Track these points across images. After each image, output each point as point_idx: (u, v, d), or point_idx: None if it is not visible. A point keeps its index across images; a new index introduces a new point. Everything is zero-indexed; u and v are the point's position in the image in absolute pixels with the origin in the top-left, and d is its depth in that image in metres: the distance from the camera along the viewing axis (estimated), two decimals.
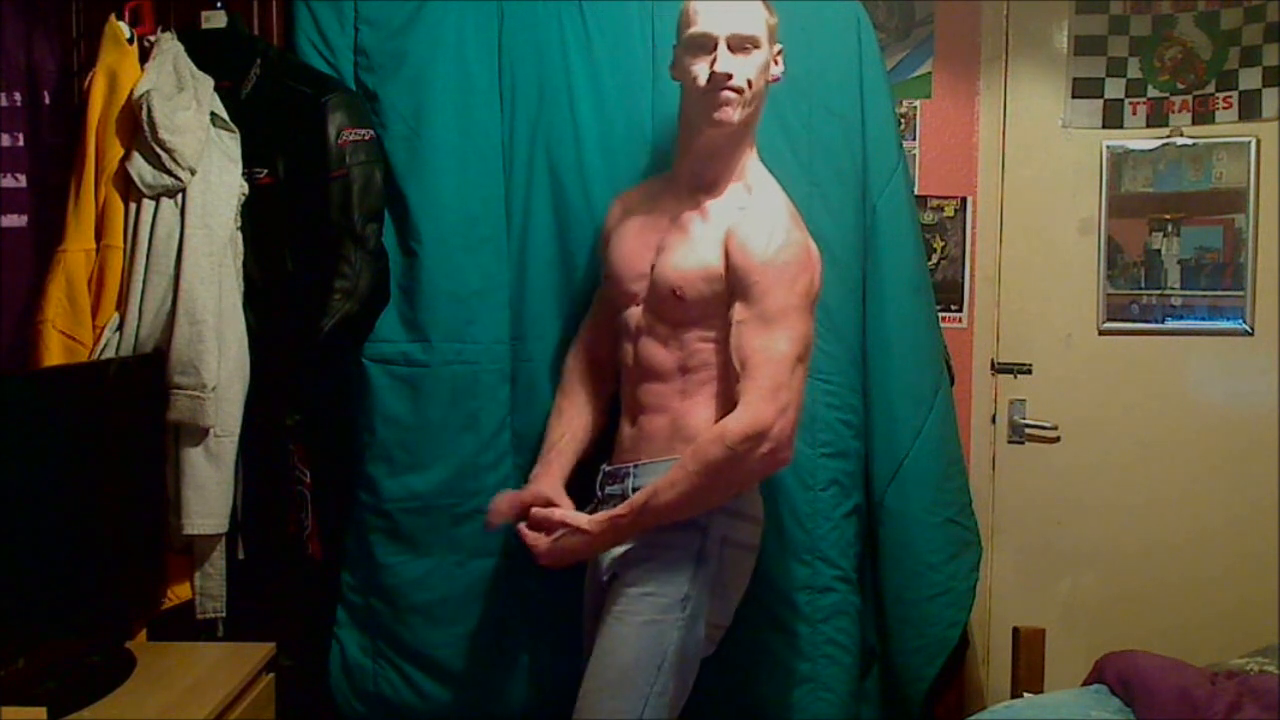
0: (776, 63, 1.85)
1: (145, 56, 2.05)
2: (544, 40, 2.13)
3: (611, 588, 1.77)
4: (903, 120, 2.67)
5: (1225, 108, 2.66)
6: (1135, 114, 2.72)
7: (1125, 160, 2.72)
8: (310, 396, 2.11)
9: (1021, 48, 2.74)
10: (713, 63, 1.75)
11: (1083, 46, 2.74)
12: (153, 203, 1.98)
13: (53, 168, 2.09)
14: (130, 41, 2.05)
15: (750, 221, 1.76)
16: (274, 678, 1.97)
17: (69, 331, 1.97)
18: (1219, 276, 2.69)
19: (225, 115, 2.06)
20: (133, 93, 1.98)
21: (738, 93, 1.76)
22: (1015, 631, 2.29)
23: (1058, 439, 2.76)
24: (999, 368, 2.78)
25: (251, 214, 2.08)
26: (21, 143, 2.07)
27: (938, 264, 2.72)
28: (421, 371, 2.12)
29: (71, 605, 1.80)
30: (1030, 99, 2.74)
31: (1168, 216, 2.70)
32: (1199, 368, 2.70)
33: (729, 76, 1.74)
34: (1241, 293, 2.67)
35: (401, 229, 2.14)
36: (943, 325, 2.40)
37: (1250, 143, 2.64)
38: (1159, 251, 2.71)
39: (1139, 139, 2.71)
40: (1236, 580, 2.63)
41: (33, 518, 1.70)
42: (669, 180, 1.93)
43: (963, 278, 2.75)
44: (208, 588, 2.05)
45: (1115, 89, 2.73)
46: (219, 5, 2.12)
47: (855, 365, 2.16)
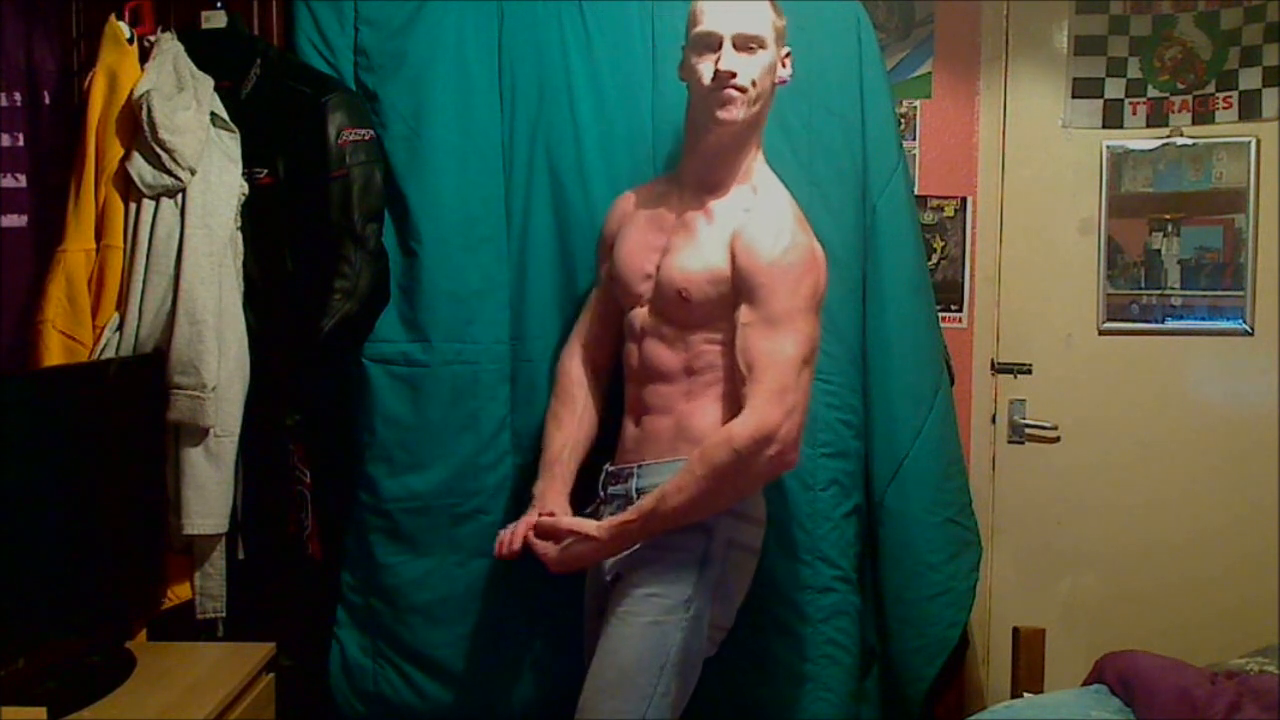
0: (784, 65, 1.84)
1: (145, 56, 2.05)
2: (544, 40, 2.13)
3: (616, 588, 1.77)
4: (903, 120, 2.67)
5: (1225, 108, 2.66)
6: (1135, 114, 2.72)
7: (1125, 160, 2.72)
8: (310, 396, 2.11)
9: (1021, 48, 2.74)
10: (717, 61, 1.75)
11: (1083, 46, 2.73)
12: (153, 203, 1.98)
13: (53, 168, 2.08)
14: (130, 41, 2.05)
15: (756, 223, 1.76)
16: (274, 678, 1.97)
17: (69, 331, 1.97)
18: (1219, 276, 2.69)
19: (225, 115, 2.06)
20: (133, 93, 1.98)
21: (741, 92, 1.75)
22: (1015, 631, 2.29)
23: (1058, 439, 2.76)
24: (999, 368, 2.78)
25: (251, 214, 2.08)
26: (21, 143, 2.07)
27: (938, 264, 2.72)
28: (421, 371, 2.12)
29: (71, 605, 1.80)
30: (1030, 99, 2.74)
31: (1168, 216, 2.70)
32: (1199, 368, 2.70)
33: (733, 75, 1.74)
34: (1241, 293, 2.67)
35: (401, 229, 2.14)
36: (943, 325, 2.40)
37: (1250, 143, 2.64)
38: (1159, 251, 2.71)
39: (1139, 139, 2.71)
40: (1236, 580, 2.63)
41: (33, 518, 1.70)
42: (674, 181, 1.93)
43: (963, 278, 2.75)
44: (208, 588, 2.05)
45: (1115, 89, 2.72)
46: (219, 5, 2.11)
47: (855, 365, 2.16)
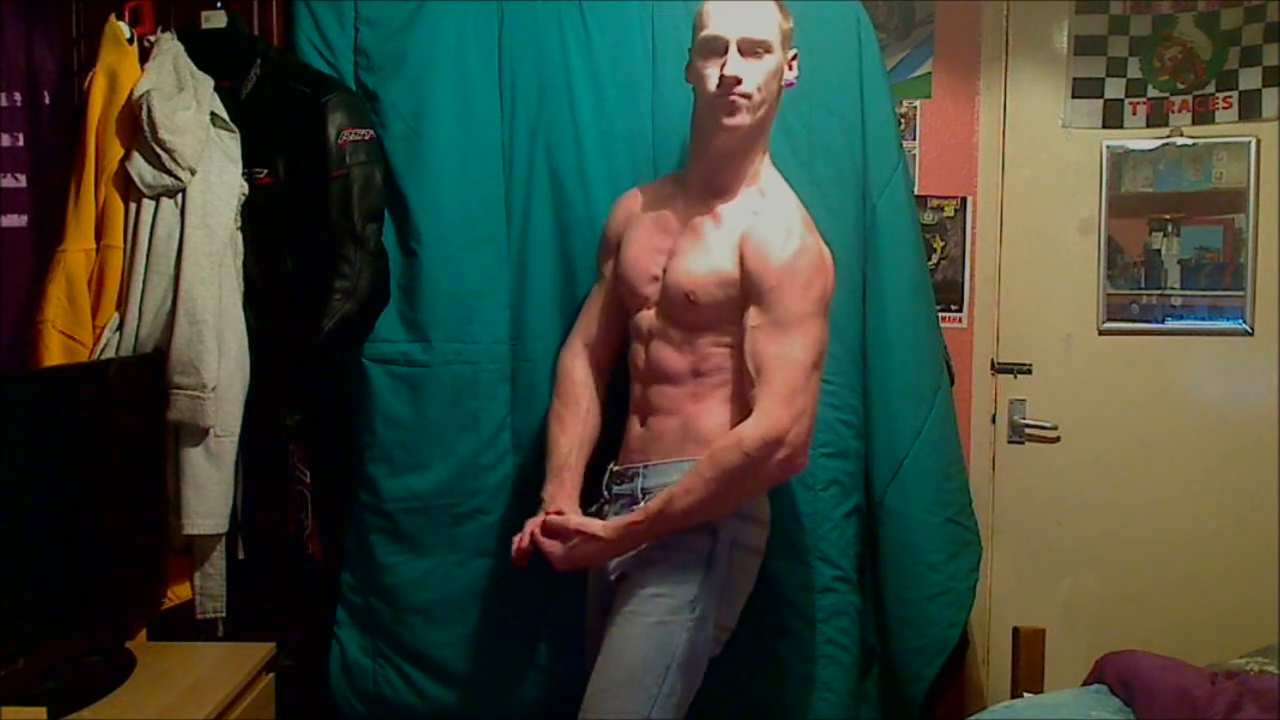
0: (790, 68, 1.83)
1: (145, 56, 2.05)
2: (544, 40, 2.14)
3: (621, 587, 1.77)
4: (903, 120, 2.67)
5: (1225, 108, 2.66)
6: (1135, 114, 2.72)
7: (1125, 160, 2.72)
8: (310, 396, 2.11)
9: (1021, 48, 2.74)
10: (723, 66, 1.74)
11: (1083, 46, 2.73)
12: (153, 203, 1.98)
13: (53, 168, 2.08)
14: (130, 41, 2.05)
15: (765, 226, 1.76)
16: (274, 678, 1.97)
17: (69, 331, 1.97)
18: (1219, 276, 2.69)
19: (225, 115, 2.06)
20: (133, 93, 1.98)
21: (746, 98, 1.75)
22: (1015, 631, 2.29)
23: (1058, 439, 2.76)
24: (999, 368, 2.78)
25: (251, 214, 2.08)
26: (21, 143, 2.07)
27: (938, 264, 2.72)
28: (421, 371, 2.12)
29: (71, 605, 1.80)
30: (1030, 99, 2.74)
31: (1168, 216, 2.70)
32: (1199, 368, 2.70)
33: (738, 81, 1.73)
34: (1241, 293, 2.67)
35: (401, 229, 2.14)
36: (943, 325, 2.40)
37: (1250, 143, 2.64)
38: (1159, 251, 2.71)
39: (1139, 139, 2.71)
40: (1236, 580, 2.63)
41: (33, 518, 1.70)
42: (679, 182, 1.93)
43: (963, 278, 2.75)
44: (208, 588, 2.05)
45: (1115, 89, 2.72)
46: (219, 5, 2.11)
47: (855, 365, 2.16)
